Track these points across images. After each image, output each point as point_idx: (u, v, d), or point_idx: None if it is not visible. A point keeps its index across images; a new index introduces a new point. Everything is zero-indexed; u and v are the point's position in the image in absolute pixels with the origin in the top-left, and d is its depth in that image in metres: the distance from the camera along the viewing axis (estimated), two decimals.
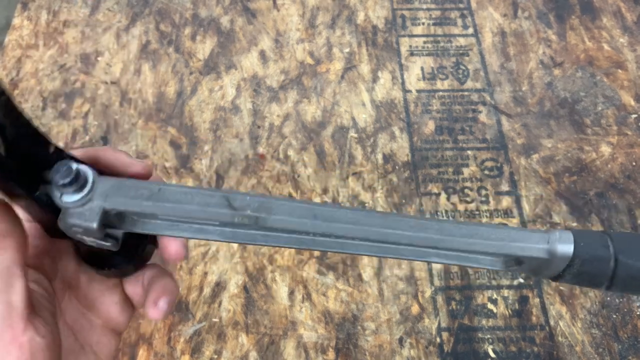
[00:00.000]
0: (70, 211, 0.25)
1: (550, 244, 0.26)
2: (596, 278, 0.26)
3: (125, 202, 0.26)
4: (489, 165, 0.70)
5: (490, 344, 0.58)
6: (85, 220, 0.25)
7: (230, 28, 0.82)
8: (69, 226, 0.26)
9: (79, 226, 0.25)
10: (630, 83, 0.77)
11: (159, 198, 0.26)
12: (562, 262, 0.26)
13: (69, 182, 0.25)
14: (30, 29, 0.81)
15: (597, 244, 0.26)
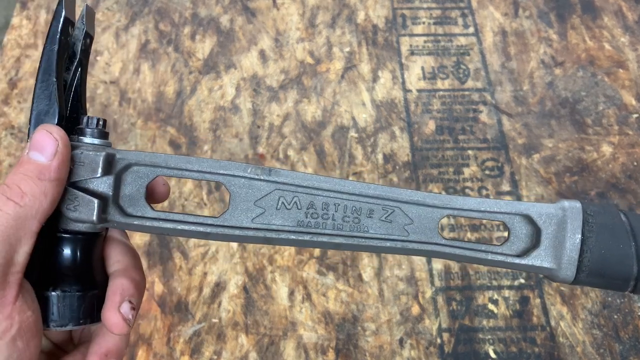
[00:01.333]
0: (77, 151, 0.26)
1: (559, 203, 0.24)
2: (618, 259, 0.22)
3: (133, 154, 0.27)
4: (490, 165, 0.70)
5: (491, 345, 0.57)
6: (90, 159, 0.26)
7: (230, 27, 0.82)
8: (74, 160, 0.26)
9: (81, 163, 0.26)
10: (631, 83, 0.77)
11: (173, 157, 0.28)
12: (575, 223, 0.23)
13: (96, 127, 0.27)
14: (29, 29, 0.81)
15: (608, 215, 0.23)
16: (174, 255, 0.62)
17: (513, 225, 0.26)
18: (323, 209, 0.26)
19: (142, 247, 0.63)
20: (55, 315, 0.26)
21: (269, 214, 0.27)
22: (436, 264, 0.62)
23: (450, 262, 0.62)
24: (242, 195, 0.27)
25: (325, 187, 0.26)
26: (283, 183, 0.27)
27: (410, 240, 0.26)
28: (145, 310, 0.59)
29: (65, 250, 0.27)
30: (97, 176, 0.26)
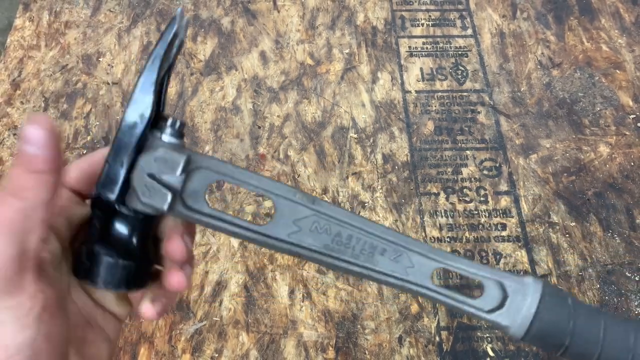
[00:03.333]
0: (162, 150, 0.29)
1: (527, 279, 0.30)
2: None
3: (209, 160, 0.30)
4: (488, 165, 0.70)
5: (489, 343, 0.58)
6: (172, 159, 0.29)
7: (231, 29, 0.82)
8: (152, 160, 0.29)
9: (163, 160, 0.29)
10: (628, 83, 0.77)
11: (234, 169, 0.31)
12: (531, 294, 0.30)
13: (174, 125, 0.30)
14: (32, 30, 0.82)
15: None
16: None
17: (488, 286, 0.31)
18: (347, 240, 0.31)
19: None
20: (105, 277, 0.29)
21: (303, 233, 0.31)
22: None
23: None
24: (286, 213, 0.31)
25: (353, 223, 0.31)
26: (321, 212, 0.31)
27: (408, 281, 0.31)
28: None
29: (125, 225, 0.29)
30: (176, 175, 0.29)
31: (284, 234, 0.31)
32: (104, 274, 0.29)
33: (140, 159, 0.29)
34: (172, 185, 0.29)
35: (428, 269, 0.31)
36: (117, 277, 0.29)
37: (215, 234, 0.65)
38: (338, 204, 0.67)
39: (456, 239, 0.65)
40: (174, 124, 0.30)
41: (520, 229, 0.65)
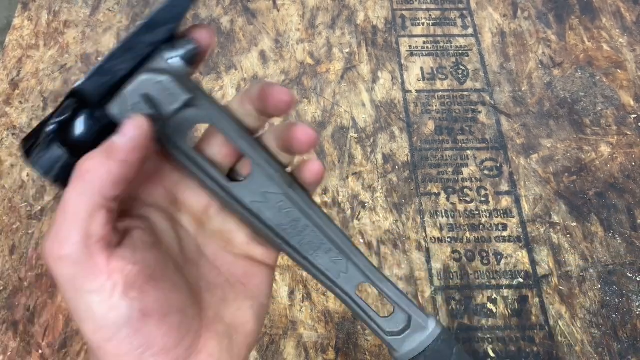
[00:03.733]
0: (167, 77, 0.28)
1: (429, 320, 0.33)
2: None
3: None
4: (489, 165, 0.70)
5: (489, 344, 0.58)
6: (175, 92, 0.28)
7: (231, 28, 0.82)
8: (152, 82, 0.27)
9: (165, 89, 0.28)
10: (629, 83, 0.77)
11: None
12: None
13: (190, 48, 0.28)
14: (30, 29, 0.82)
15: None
16: None
17: (397, 312, 0.34)
18: (302, 228, 0.32)
19: None
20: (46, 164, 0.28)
21: (266, 207, 0.31)
22: (435, 263, 0.63)
23: (449, 262, 0.63)
24: (258, 182, 0.31)
25: (314, 217, 0.32)
26: (291, 196, 0.31)
27: (336, 283, 0.33)
28: None
29: (88, 125, 0.28)
30: (170, 108, 0.28)
31: (248, 199, 0.31)
32: (60, 170, 0.28)
33: (142, 74, 0.27)
34: (161, 115, 0.28)
35: (356, 280, 0.33)
36: (64, 172, 0.28)
37: None
38: (338, 204, 0.66)
39: (457, 239, 0.64)
40: (189, 49, 0.28)
41: (521, 229, 0.65)
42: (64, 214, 0.25)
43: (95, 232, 0.25)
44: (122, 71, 0.27)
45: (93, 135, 0.28)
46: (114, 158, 0.26)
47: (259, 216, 0.31)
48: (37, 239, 0.63)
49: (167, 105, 0.28)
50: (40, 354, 0.56)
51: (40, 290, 0.60)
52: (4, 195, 0.67)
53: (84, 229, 0.25)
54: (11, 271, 0.61)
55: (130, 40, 0.27)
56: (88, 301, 0.25)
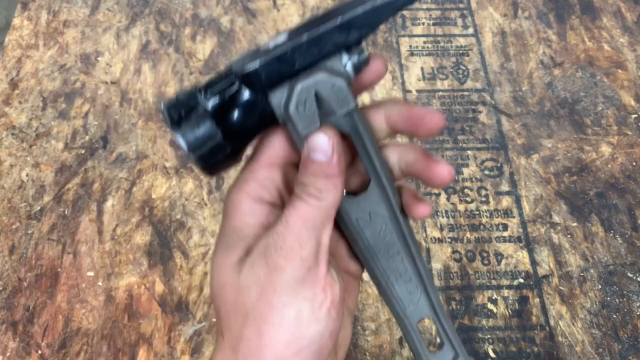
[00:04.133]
0: (343, 82, 0.27)
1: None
2: None
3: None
4: (489, 165, 0.70)
5: (490, 344, 0.58)
6: (345, 99, 0.27)
7: (230, 28, 0.82)
8: (330, 84, 0.27)
9: (338, 92, 0.27)
10: (630, 83, 0.77)
11: None
12: None
13: (363, 58, 0.28)
14: (30, 29, 0.81)
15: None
16: (174, 255, 0.62)
17: (446, 351, 0.34)
18: (393, 253, 0.32)
19: (142, 247, 0.63)
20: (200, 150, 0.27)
21: (368, 226, 0.31)
22: (436, 263, 0.62)
23: (449, 262, 0.63)
24: (369, 202, 0.31)
25: (409, 244, 0.32)
26: (396, 218, 0.32)
27: (404, 312, 0.33)
28: (145, 309, 0.59)
29: (250, 111, 0.28)
30: (335, 113, 0.28)
31: (354, 215, 0.30)
32: (208, 152, 0.27)
33: (319, 73, 0.26)
34: (324, 117, 0.27)
35: (423, 314, 0.33)
36: (215, 159, 0.27)
37: (215, 235, 0.64)
38: None
39: (457, 239, 0.64)
40: (363, 57, 0.27)
41: (521, 229, 0.65)
42: (302, 221, 0.26)
43: (324, 242, 0.27)
44: (299, 65, 0.26)
45: (251, 121, 0.27)
46: (332, 174, 0.27)
47: (359, 233, 0.31)
48: (37, 239, 0.63)
49: (335, 109, 0.27)
50: (39, 355, 0.56)
51: (39, 290, 0.60)
52: (3, 195, 0.66)
53: (318, 239, 0.26)
54: (10, 271, 0.61)
55: (321, 36, 0.26)
56: (300, 307, 0.25)
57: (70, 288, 0.60)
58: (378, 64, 0.29)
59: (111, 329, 0.58)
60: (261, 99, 0.27)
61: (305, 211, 0.26)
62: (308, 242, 0.26)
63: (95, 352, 0.56)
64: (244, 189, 0.29)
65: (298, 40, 0.26)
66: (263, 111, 0.27)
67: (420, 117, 0.29)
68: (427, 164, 0.30)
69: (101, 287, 0.60)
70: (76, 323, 0.58)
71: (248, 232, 0.28)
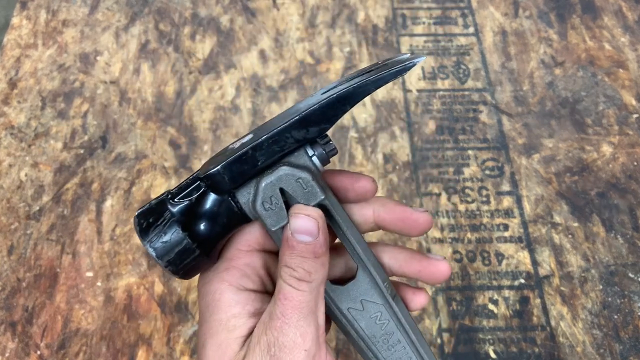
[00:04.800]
0: (308, 174, 0.27)
1: None
2: None
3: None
4: (490, 165, 0.70)
5: (491, 345, 0.57)
6: (312, 192, 0.27)
7: (230, 27, 0.82)
8: (293, 178, 0.27)
9: (304, 187, 0.27)
10: (631, 83, 0.77)
11: None
12: None
13: (330, 149, 0.28)
14: (29, 29, 0.81)
15: None
16: None
17: None
18: (393, 342, 0.31)
19: (141, 247, 0.63)
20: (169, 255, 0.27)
21: (362, 315, 0.30)
22: None
23: (450, 263, 0.62)
24: (360, 288, 0.30)
25: (410, 333, 0.31)
26: (392, 308, 0.30)
27: None
28: (145, 310, 0.59)
29: (223, 217, 0.28)
30: (307, 204, 0.28)
31: (345, 305, 0.30)
32: (176, 256, 0.27)
33: (282, 168, 0.27)
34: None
35: None
36: (185, 263, 0.27)
37: None
38: None
39: (458, 239, 0.64)
40: (330, 149, 0.28)
41: (522, 229, 0.65)
42: (298, 310, 0.26)
43: (321, 323, 0.27)
44: (262, 163, 0.27)
45: (219, 223, 0.28)
46: (320, 253, 0.27)
47: (353, 324, 0.30)
48: (36, 239, 0.63)
49: (303, 202, 0.28)
50: (38, 355, 0.56)
51: (38, 290, 0.60)
52: (2, 195, 0.66)
53: (316, 321, 0.26)
54: (9, 272, 0.61)
55: (280, 134, 0.26)
56: None
57: (70, 288, 0.60)
58: (367, 184, 0.30)
59: (110, 330, 0.57)
60: (229, 199, 0.27)
61: (299, 299, 0.26)
62: (308, 331, 0.26)
63: (95, 352, 0.56)
64: (225, 279, 0.28)
65: (258, 139, 0.26)
66: (231, 211, 0.28)
67: (413, 220, 0.30)
68: (422, 264, 0.30)
69: (100, 288, 0.60)
70: (75, 323, 0.58)
71: (236, 323, 0.28)
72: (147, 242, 0.27)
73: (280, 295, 0.26)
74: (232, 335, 0.27)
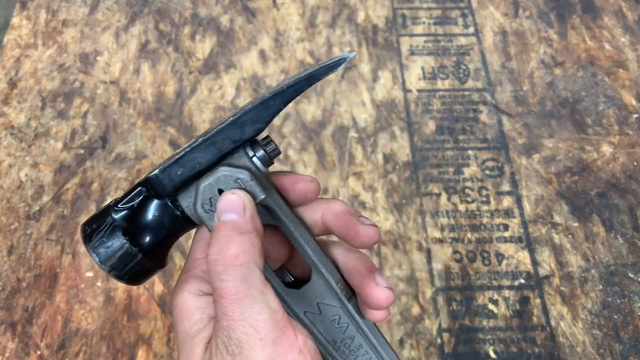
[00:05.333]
0: (247, 174, 0.27)
1: None
2: None
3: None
4: (490, 165, 0.70)
5: (491, 345, 0.57)
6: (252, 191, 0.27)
7: (230, 27, 0.82)
8: (232, 179, 0.27)
9: (243, 187, 0.27)
10: (631, 83, 0.76)
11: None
12: None
13: (270, 150, 0.28)
14: (29, 29, 0.81)
15: None
16: (174, 255, 0.62)
17: None
18: (355, 347, 0.30)
19: None
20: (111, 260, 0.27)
21: (319, 319, 0.30)
22: (436, 264, 0.62)
23: (450, 263, 0.62)
24: (315, 291, 0.29)
25: (370, 338, 0.30)
26: (349, 312, 0.29)
27: None
28: (145, 310, 0.59)
29: (161, 216, 0.28)
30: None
31: (301, 309, 0.29)
32: (118, 261, 0.27)
33: (221, 169, 0.27)
34: None
35: None
36: (128, 268, 0.27)
37: None
38: None
39: (458, 239, 0.64)
40: (271, 149, 0.28)
41: (522, 229, 0.65)
42: (237, 303, 0.24)
43: (274, 306, 0.25)
44: (201, 164, 0.27)
45: (163, 227, 0.28)
46: (246, 230, 0.26)
47: (311, 329, 0.29)
48: (36, 239, 0.63)
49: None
50: (38, 355, 0.56)
51: (38, 290, 0.60)
52: (2, 196, 0.66)
53: (267, 306, 0.25)
54: (9, 272, 0.61)
55: (216, 135, 0.27)
56: None
57: (70, 288, 0.60)
58: (305, 185, 0.30)
59: (110, 330, 0.57)
60: (170, 203, 0.28)
61: (234, 292, 0.25)
62: (259, 319, 0.24)
63: (95, 352, 0.56)
64: (184, 289, 0.28)
65: (195, 142, 0.27)
66: (173, 215, 0.28)
67: (355, 232, 0.29)
68: (367, 281, 0.29)
69: (100, 288, 0.60)
70: (75, 323, 0.58)
71: (198, 328, 0.27)
72: (90, 248, 0.27)
73: (215, 295, 0.25)
74: (195, 342, 0.27)
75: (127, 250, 0.27)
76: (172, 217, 0.28)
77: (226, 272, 0.25)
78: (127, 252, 0.27)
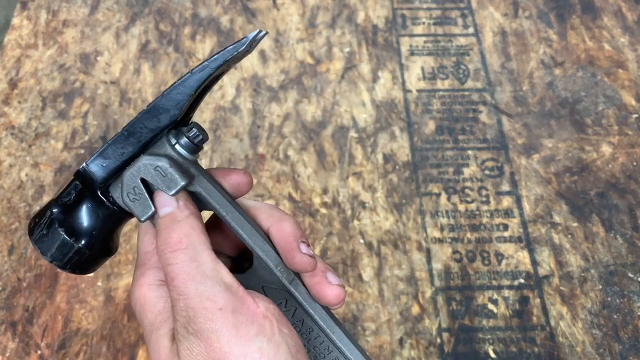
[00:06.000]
0: (166, 162, 0.28)
1: None
2: None
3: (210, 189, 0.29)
4: (490, 165, 0.70)
5: (490, 345, 0.58)
6: (172, 177, 0.28)
7: (230, 27, 0.82)
8: (151, 167, 0.28)
9: (163, 173, 0.28)
10: (631, 83, 0.77)
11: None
12: None
13: (193, 137, 0.29)
14: (29, 29, 0.81)
15: None
16: None
17: None
18: (306, 329, 0.30)
19: None
20: (55, 254, 0.29)
21: None
22: (436, 264, 0.62)
23: (450, 263, 0.63)
24: (259, 275, 0.30)
25: (319, 322, 0.29)
26: (292, 294, 0.30)
27: None
28: None
29: (96, 209, 0.29)
30: (168, 194, 0.28)
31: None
32: (56, 251, 0.28)
33: (142, 158, 0.28)
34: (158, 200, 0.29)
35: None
36: (67, 257, 0.29)
37: None
38: (338, 204, 0.66)
39: (457, 239, 0.64)
40: (193, 136, 0.29)
41: (522, 229, 0.65)
42: (190, 281, 0.25)
43: (228, 279, 0.26)
44: (125, 155, 0.28)
45: (99, 218, 0.29)
46: (182, 217, 0.27)
47: None
48: None
49: (164, 189, 0.28)
50: (39, 355, 0.56)
51: (39, 290, 0.60)
52: (2, 196, 0.66)
53: (221, 280, 0.26)
54: (10, 271, 0.61)
55: (133, 125, 0.28)
56: (260, 346, 0.25)
57: (70, 288, 0.60)
58: (238, 177, 0.30)
59: (111, 329, 0.58)
60: (102, 195, 0.29)
61: (184, 271, 0.26)
62: (215, 291, 0.25)
63: (95, 352, 0.56)
64: (142, 283, 0.29)
65: (117, 134, 0.28)
66: (106, 206, 0.29)
67: (292, 257, 0.29)
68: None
69: (100, 288, 0.60)
70: (75, 323, 0.58)
71: (162, 318, 0.28)
72: (32, 241, 0.29)
73: (167, 279, 0.26)
74: (161, 333, 0.27)
75: (63, 241, 0.28)
76: (105, 207, 0.29)
77: (174, 256, 0.26)
78: (63, 243, 0.28)
